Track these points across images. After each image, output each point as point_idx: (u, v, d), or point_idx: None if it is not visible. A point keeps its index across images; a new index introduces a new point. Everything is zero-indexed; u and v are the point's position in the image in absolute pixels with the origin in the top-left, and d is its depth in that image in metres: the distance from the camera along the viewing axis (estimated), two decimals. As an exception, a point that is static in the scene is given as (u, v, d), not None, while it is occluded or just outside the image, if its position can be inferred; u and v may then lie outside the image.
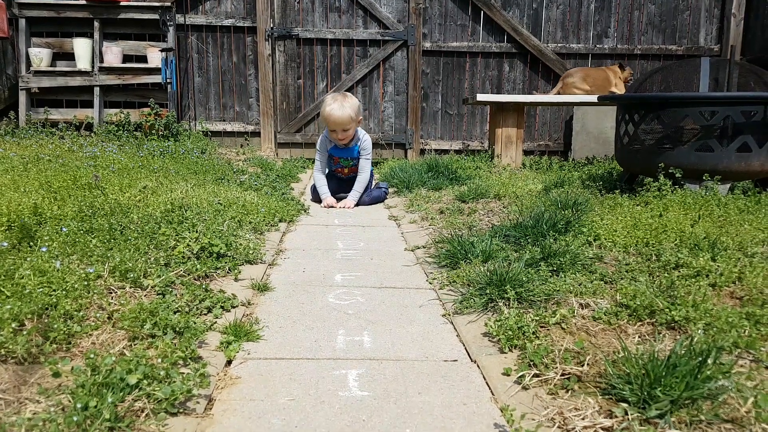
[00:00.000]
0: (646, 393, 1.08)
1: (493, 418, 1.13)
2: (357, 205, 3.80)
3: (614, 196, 2.99)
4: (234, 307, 1.68)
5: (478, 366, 1.37)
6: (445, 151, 6.49)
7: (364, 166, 3.80)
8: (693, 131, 2.97)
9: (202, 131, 6.26)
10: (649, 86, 3.91)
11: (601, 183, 3.63)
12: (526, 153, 6.24)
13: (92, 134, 5.60)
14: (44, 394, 1.05)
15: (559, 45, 6.51)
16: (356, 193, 3.74)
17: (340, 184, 3.96)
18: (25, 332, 1.25)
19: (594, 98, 4.91)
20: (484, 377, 1.31)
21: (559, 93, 5.65)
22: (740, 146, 2.88)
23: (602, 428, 1.04)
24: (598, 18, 6.54)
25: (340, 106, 3.56)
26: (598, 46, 6.54)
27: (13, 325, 1.26)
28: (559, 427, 1.06)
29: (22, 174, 2.95)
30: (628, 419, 1.04)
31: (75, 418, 0.93)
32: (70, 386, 1.07)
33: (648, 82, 3.88)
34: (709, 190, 2.80)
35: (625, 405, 1.08)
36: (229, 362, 1.36)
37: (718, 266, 1.82)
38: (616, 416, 1.06)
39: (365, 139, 3.84)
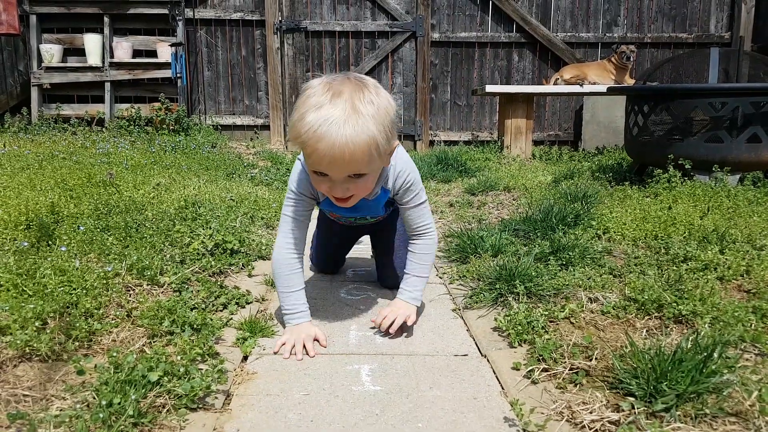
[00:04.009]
0: (652, 387, 1.10)
1: (503, 411, 1.16)
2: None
3: (624, 188, 2.99)
4: (249, 303, 1.71)
5: (488, 360, 1.40)
6: (455, 143, 6.49)
7: (420, 223, 1.61)
8: (703, 122, 2.96)
9: (212, 125, 6.31)
10: (659, 76, 3.89)
11: (610, 174, 3.63)
12: (535, 143, 6.23)
13: (104, 129, 5.66)
14: (69, 391, 1.10)
15: (569, 34, 6.47)
16: (416, 293, 1.63)
17: (347, 231, 1.98)
18: (48, 330, 1.29)
19: (603, 88, 4.88)
20: (494, 371, 1.34)
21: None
22: (750, 137, 2.87)
23: (609, 422, 1.07)
24: (608, 6, 6.48)
25: (345, 115, 1.24)
26: (607, 34, 6.48)
27: (37, 323, 1.30)
28: (567, 420, 1.09)
29: (38, 172, 3.00)
30: (635, 413, 1.07)
31: (101, 415, 0.97)
32: (94, 383, 1.11)
33: (658, 71, 3.86)
34: (718, 182, 2.79)
35: (631, 399, 1.11)
36: (245, 358, 1.40)
37: (726, 259, 1.83)
38: (623, 410, 1.09)
39: (401, 173, 1.54)
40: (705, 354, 1.14)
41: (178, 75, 6.07)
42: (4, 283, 1.46)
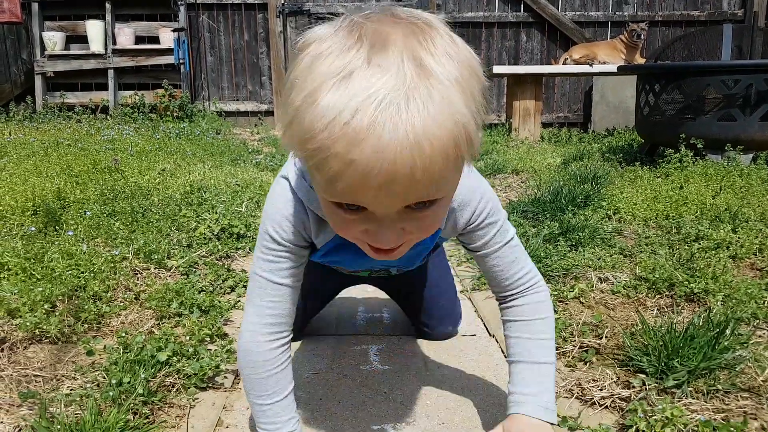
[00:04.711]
0: (663, 364, 1.09)
1: (512, 390, 1.15)
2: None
3: (634, 169, 2.96)
4: (256, 286, 1.71)
5: (496, 340, 1.39)
6: (461, 126, 6.43)
7: (518, 271, 0.92)
8: (715, 101, 2.92)
9: (216, 111, 6.28)
10: (670, 54, 3.82)
11: (621, 155, 3.59)
12: (544, 125, 6.15)
13: (108, 117, 5.66)
14: (80, 371, 1.10)
15: (578, 13, 6.36)
16: (545, 396, 0.89)
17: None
18: (57, 313, 1.30)
19: (614, 68, 4.81)
20: (502, 351, 1.33)
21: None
22: (764, 115, 2.82)
23: (620, 398, 1.06)
24: (617, -16, 6.35)
25: (407, 82, 0.54)
26: (617, 13, 6.37)
27: (46, 306, 1.31)
28: (577, 397, 1.08)
29: (44, 159, 3.01)
30: (646, 389, 1.06)
31: (111, 394, 0.98)
32: (104, 363, 1.12)
33: (669, 50, 3.79)
34: (731, 161, 2.75)
35: (642, 376, 1.10)
36: (253, 339, 1.40)
37: (738, 238, 1.80)
38: (633, 387, 1.08)
39: (471, 194, 0.83)
40: (717, 330, 1.13)
41: (181, 61, 6.03)
42: (12, 267, 1.47)
